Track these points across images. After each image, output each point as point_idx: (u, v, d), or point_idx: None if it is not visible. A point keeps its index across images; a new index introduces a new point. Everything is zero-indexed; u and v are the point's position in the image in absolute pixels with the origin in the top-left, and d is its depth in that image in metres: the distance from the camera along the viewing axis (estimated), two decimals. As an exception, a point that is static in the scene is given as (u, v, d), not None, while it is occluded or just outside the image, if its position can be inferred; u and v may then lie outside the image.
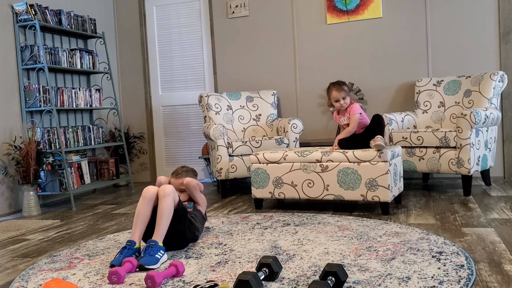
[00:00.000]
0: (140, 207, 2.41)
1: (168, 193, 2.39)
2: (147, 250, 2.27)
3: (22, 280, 2.19)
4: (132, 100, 5.71)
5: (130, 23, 5.67)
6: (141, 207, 2.41)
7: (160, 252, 2.29)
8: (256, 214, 3.39)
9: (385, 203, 3.18)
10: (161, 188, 2.43)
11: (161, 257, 2.28)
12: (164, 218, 2.37)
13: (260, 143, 4.17)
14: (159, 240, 2.33)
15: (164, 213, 2.37)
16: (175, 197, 2.45)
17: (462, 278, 1.88)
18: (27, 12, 4.20)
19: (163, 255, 2.31)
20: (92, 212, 3.96)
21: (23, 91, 4.23)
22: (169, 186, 2.43)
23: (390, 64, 4.74)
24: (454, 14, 4.53)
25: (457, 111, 4.12)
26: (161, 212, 2.37)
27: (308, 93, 5.02)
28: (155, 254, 2.25)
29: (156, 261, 2.23)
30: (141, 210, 2.40)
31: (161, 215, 2.37)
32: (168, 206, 2.38)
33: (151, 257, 2.23)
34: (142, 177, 5.73)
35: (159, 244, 2.31)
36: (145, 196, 2.43)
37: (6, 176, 4.06)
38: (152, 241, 2.31)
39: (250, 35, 5.20)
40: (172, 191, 2.42)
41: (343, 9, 4.84)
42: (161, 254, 2.29)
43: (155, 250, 2.27)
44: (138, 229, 2.38)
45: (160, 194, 2.41)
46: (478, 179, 4.40)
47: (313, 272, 2.06)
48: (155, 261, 2.23)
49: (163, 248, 2.33)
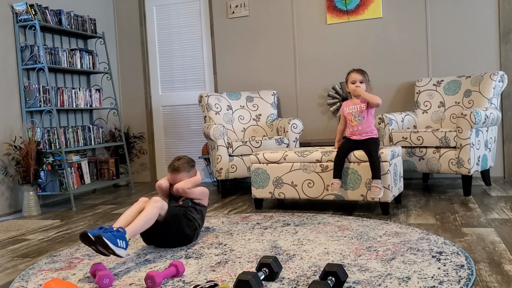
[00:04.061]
0: (128, 210, 2.44)
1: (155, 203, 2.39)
2: (113, 231, 2.15)
3: (22, 280, 2.19)
4: (132, 100, 5.71)
5: (130, 23, 5.67)
6: (128, 210, 2.44)
7: (123, 241, 2.14)
8: (256, 214, 3.39)
9: (385, 203, 3.18)
10: (150, 200, 2.44)
11: (120, 246, 2.12)
12: (141, 218, 2.32)
13: (260, 143, 4.17)
14: (129, 233, 2.22)
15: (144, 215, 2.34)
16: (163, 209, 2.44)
17: (462, 278, 1.88)
18: (27, 12, 4.20)
19: (124, 248, 2.15)
20: (92, 212, 3.96)
21: (23, 91, 4.23)
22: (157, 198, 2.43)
23: (390, 64, 4.74)
24: (454, 14, 4.53)
25: (457, 111, 4.12)
26: (142, 213, 2.35)
27: (308, 93, 5.02)
28: (117, 238, 2.12)
29: (114, 242, 2.09)
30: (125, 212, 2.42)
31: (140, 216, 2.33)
32: (150, 211, 2.36)
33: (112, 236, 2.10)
34: (142, 177, 5.73)
35: (125, 236, 2.18)
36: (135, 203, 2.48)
37: (6, 176, 4.06)
38: (122, 228, 2.20)
39: (250, 35, 5.20)
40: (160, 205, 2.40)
41: (343, 9, 4.84)
42: (122, 244, 2.14)
43: (120, 235, 2.14)
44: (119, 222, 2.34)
45: (148, 202, 2.43)
46: (478, 179, 4.40)
47: (313, 272, 2.06)
48: (113, 240, 2.09)
49: (127, 243, 2.17)
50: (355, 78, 3.29)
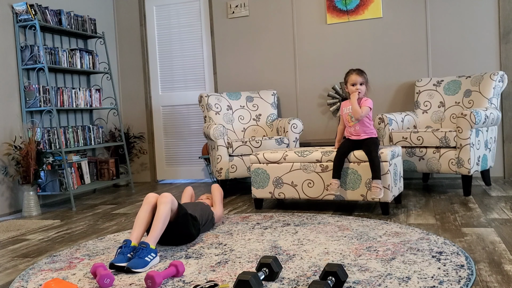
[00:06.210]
0: (140, 211, 2.49)
1: (166, 201, 2.45)
2: (137, 253, 2.26)
3: (22, 280, 2.19)
4: (132, 100, 5.71)
5: (130, 23, 5.67)
6: (140, 211, 2.49)
7: (150, 255, 2.28)
8: (256, 214, 3.39)
9: (385, 203, 3.18)
10: (160, 196, 2.50)
11: (151, 260, 2.27)
12: (159, 223, 2.40)
13: (260, 143, 4.17)
14: (151, 243, 2.33)
15: (160, 217, 2.41)
16: (174, 205, 2.49)
17: (462, 278, 1.88)
18: (27, 12, 4.20)
19: (154, 258, 2.30)
20: (92, 212, 3.96)
21: (23, 91, 4.23)
22: (167, 194, 2.49)
23: (390, 64, 4.74)
24: (454, 14, 4.53)
25: (457, 111, 4.12)
26: (157, 217, 2.41)
27: (308, 93, 5.02)
28: (144, 257, 2.24)
29: (144, 264, 2.22)
30: (140, 215, 2.48)
31: (157, 220, 2.40)
32: (164, 212, 2.42)
33: (139, 260, 2.22)
34: (142, 177, 5.73)
35: (150, 247, 2.30)
36: (145, 202, 2.52)
37: (6, 176, 4.06)
38: (144, 243, 2.30)
39: (250, 35, 5.20)
40: (170, 200, 2.46)
41: (343, 9, 4.84)
42: (151, 257, 2.28)
43: (144, 253, 2.26)
44: (135, 231, 2.41)
45: (159, 201, 2.47)
46: (478, 179, 4.40)
47: (313, 272, 2.06)
48: (143, 264, 2.22)
49: (154, 251, 2.31)
50: (356, 81, 3.25)
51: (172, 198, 2.49)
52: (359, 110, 3.20)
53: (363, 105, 3.22)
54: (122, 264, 2.21)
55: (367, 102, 3.23)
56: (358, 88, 3.23)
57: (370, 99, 3.26)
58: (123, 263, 2.21)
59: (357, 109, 3.21)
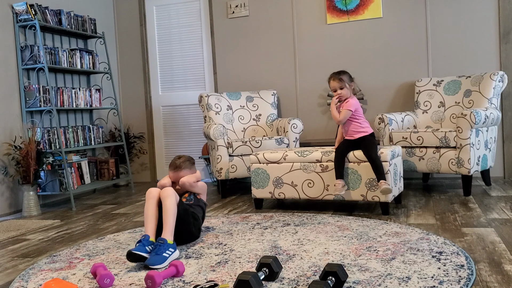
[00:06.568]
0: (147, 207, 2.51)
1: (170, 194, 2.50)
2: (155, 249, 2.29)
3: (22, 280, 2.19)
4: (132, 100, 5.71)
5: (130, 23, 5.67)
6: (147, 207, 2.51)
7: (169, 250, 2.31)
8: (256, 214, 3.39)
9: (385, 203, 3.18)
10: (163, 191, 2.53)
11: (170, 255, 2.30)
12: (170, 216, 2.44)
13: (260, 143, 4.17)
14: (168, 238, 2.36)
15: (169, 211, 2.45)
16: (176, 198, 2.53)
17: (462, 278, 1.88)
18: (27, 12, 4.20)
19: (173, 252, 2.33)
20: (92, 212, 3.96)
21: (23, 91, 4.23)
22: (169, 189, 2.53)
23: (390, 64, 4.74)
24: (454, 14, 4.53)
25: (457, 111, 4.12)
26: (166, 211, 2.45)
27: (308, 93, 5.02)
28: (162, 253, 2.27)
29: (163, 260, 2.25)
30: (149, 209, 2.50)
31: (166, 214, 2.44)
32: (171, 205, 2.47)
33: (158, 256, 2.25)
34: (142, 177, 5.73)
35: (168, 242, 2.33)
36: (149, 196, 2.54)
37: (6, 176, 4.06)
38: (161, 239, 2.34)
39: (250, 35, 5.20)
40: (173, 193, 2.51)
41: (343, 9, 4.84)
42: (170, 252, 2.31)
43: (162, 249, 2.29)
44: (149, 226, 2.45)
45: (163, 195, 2.51)
46: (478, 179, 4.40)
47: (313, 272, 2.06)
48: (162, 260, 2.25)
49: (173, 245, 2.35)
50: (334, 87, 3.33)
51: (174, 192, 2.53)
52: (336, 115, 3.32)
53: (344, 108, 3.28)
54: (143, 253, 2.24)
55: (347, 104, 3.28)
56: (338, 93, 3.31)
57: (352, 100, 3.29)
58: (143, 252, 2.25)
59: (335, 115, 3.33)
